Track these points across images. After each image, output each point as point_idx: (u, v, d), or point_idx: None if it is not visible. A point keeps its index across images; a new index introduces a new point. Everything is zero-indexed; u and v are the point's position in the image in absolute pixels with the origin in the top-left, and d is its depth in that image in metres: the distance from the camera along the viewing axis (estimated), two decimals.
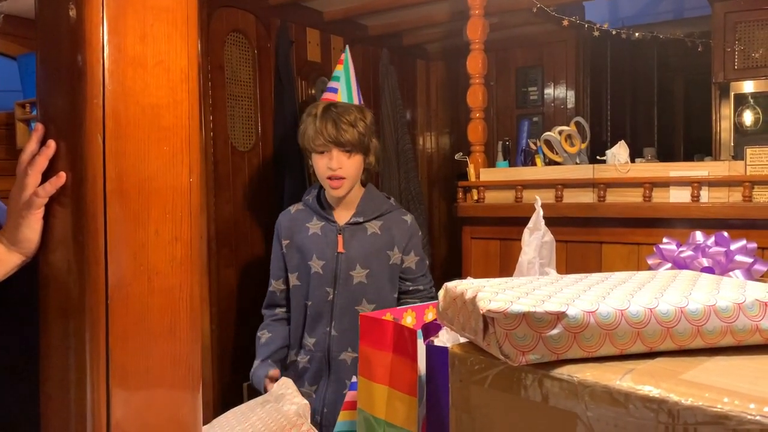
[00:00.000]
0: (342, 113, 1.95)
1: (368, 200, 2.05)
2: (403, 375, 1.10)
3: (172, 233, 0.99)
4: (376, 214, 2.03)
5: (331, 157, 1.94)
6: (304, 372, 2.04)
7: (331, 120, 1.92)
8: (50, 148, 0.95)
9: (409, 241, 2.04)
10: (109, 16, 0.92)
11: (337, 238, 2.01)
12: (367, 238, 2.01)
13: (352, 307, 1.99)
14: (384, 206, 2.06)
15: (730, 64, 3.71)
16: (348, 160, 1.96)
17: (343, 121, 1.92)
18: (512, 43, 4.21)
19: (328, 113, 1.94)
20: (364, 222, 2.02)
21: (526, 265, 1.13)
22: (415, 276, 2.06)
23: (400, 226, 2.04)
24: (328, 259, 2.00)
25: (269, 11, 3.14)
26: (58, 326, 0.97)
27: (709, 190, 2.18)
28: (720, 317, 0.70)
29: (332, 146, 1.93)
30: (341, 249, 2.00)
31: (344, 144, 1.93)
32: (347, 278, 1.99)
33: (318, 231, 2.04)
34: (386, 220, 2.04)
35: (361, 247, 2.00)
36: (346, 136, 1.92)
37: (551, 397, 0.66)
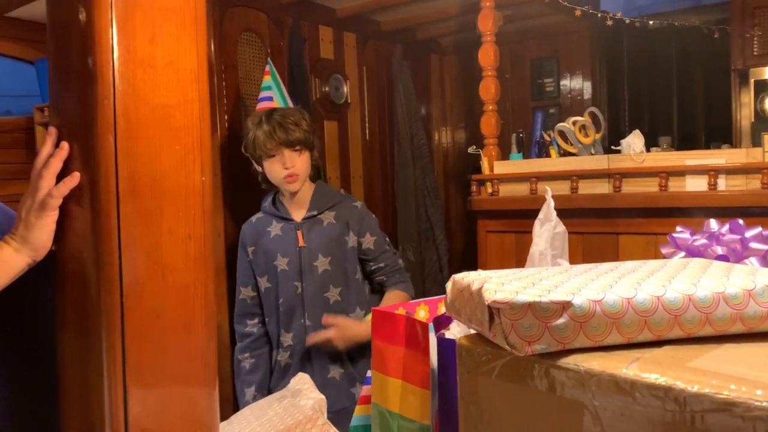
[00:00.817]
0: (285, 116, 2.07)
1: (319, 195, 2.18)
2: (415, 368, 1.10)
3: (185, 231, 1.00)
4: (329, 205, 2.16)
5: (284, 158, 2.06)
6: (287, 369, 2.13)
7: (277, 123, 2.04)
8: (64, 150, 0.96)
9: (362, 224, 2.16)
10: (118, 17, 0.93)
11: (297, 234, 2.13)
12: (324, 229, 2.13)
13: (321, 296, 2.11)
14: (335, 198, 2.20)
15: (750, 51, 3.65)
16: (299, 158, 2.09)
17: (288, 122, 2.05)
18: (526, 34, 4.18)
19: (272, 118, 2.06)
20: (319, 215, 2.15)
21: (537, 257, 1.13)
22: (376, 255, 2.17)
23: (351, 211, 2.18)
24: (291, 255, 2.12)
25: (281, 10, 3.16)
26: (75, 325, 0.99)
27: (726, 178, 2.15)
28: (729, 304, 0.69)
29: (283, 147, 2.05)
30: (302, 243, 2.12)
31: (294, 143, 2.06)
32: (312, 269, 2.10)
33: (279, 232, 2.16)
34: (338, 209, 2.17)
35: (320, 238, 2.12)
36: (295, 135, 2.05)
37: (558, 386, 0.66)
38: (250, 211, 2.98)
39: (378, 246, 2.17)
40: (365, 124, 3.78)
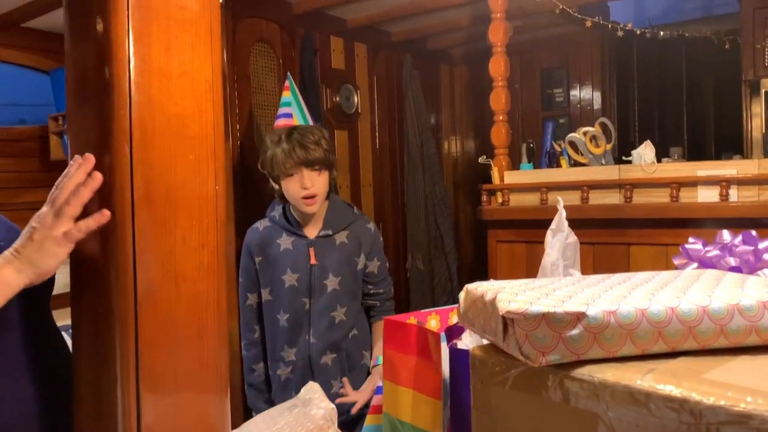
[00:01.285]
0: (305, 134, 2.03)
1: (334, 212, 2.15)
2: (427, 378, 1.10)
3: (198, 240, 1.01)
4: (343, 225, 2.14)
5: (303, 177, 2.02)
6: (288, 384, 2.10)
7: (297, 142, 2.00)
8: (96, 180, 0.93)
9: (372, 247, 2.15)
10: (134, 28, 0.95)
11: (309, 251, 2.10)
12: (337, 249, 2.11)
13: (328, 314, 2.09)
14: (349, 217, 2.18)
15: (761, 61, 3.64)
16: (318, 177, 2.04)
17: (308, 141, 2.01)
18: (536, 45, 4.19)
19: (292, 137, 2.02)
20: (333, 234, 2.12)
21: (549, 267, 1.13)
22: (377, 280, 2.16)
23: (365, 233, 2.16)
24: (301, 271, 2.09)
25: (293, 21, 3.18)
26: (89, 332, 1.00)
27: (738, 188, 2.14)
28: (744, 316, 0.69)
29: (302, 167, 2.01)
30: (314, 261, 2.09)
31: (314, 163, 2.01)
32: (322, 288, 2.08)
33: (289, 246, 2.12)
34: (352, 230, 2.15)
35: (333, 258, 2.10)
36: (315, 155, 2.01)
37: (572, 397, 0.66)
38: None
39: (381, 272, 2.18)
40: (375, 133, 3.79)
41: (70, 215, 0.92)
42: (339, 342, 2.10)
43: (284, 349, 2.12)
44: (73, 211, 0.92)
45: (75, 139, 1.02)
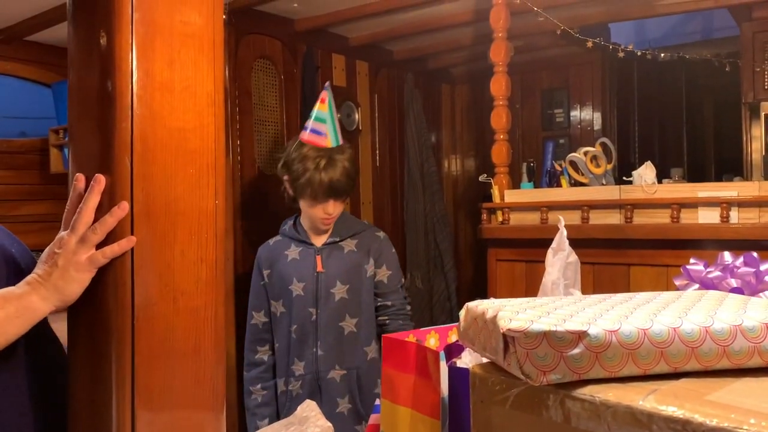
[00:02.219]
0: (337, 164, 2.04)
1: (343, 222, 2.16)
2: (425, 397, 1.09)
3: (197, 254, 1.01)
4: (351, 233, 2.14)
5: (328, 206, 2.06)
6: (297, 399, 2.07)
7: (331, 176, 2.03)
8: (123, 210, 0.92)
9: (381, 255, 2.13)
10: (138, 42, 0.95)
11: (316, 259, 2.10)
12: (344, 256, 2.10)
13: (336, 324, 2.06)
14: (358, 226, 2.18)
15: (760, 84, 3.66)
16: (339, 204, 2.09)
17: (339, 174, 2.04)
18: (537, 65, 4.21)
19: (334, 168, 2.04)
20: (340, 241, 2.12)
21: (550, 286, 1.12)
22: (387, 291, 2.13)
23: (374, 241, 2.15)
24: (308, 280, 2.08)
25: (295, 37, 3.20)
26: (85, 345, 0.99)
27: (738, 210, 2.14)
28: (747, 337, 0.68)
29: (331, 199, 2.06)
30: (320, 268, 2.09)
31: (340, 195, 2.07)
32: (328, 296, 2.06)
33: (296, 256, 2.13)
34: (361, 238, 2.14)
35: (339, 265, 2.09)
36: (346, 189, 2.07)
37: (573, 417, 0.65)
38: (259, 236, 2.99)
39: (391, 283, 2.13)
40: (376, 151, 3.80)
41: (94, 242, 0.93)
42: (349, 357, 2.06)
43: (294, 363, 2.10)
44: (98, 239, 0.93)
45: (76, 152, 1.02)
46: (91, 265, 0.93)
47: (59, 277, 0.92)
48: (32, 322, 0.93)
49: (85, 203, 0.93)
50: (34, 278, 0.94)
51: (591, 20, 3.21)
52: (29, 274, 0.95)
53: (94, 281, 0.94)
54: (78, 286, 0.93)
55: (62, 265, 0.92)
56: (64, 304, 0.95)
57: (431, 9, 3.13)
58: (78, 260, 0.92)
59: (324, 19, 3.15)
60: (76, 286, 0.93)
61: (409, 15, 3.20)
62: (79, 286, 0.93)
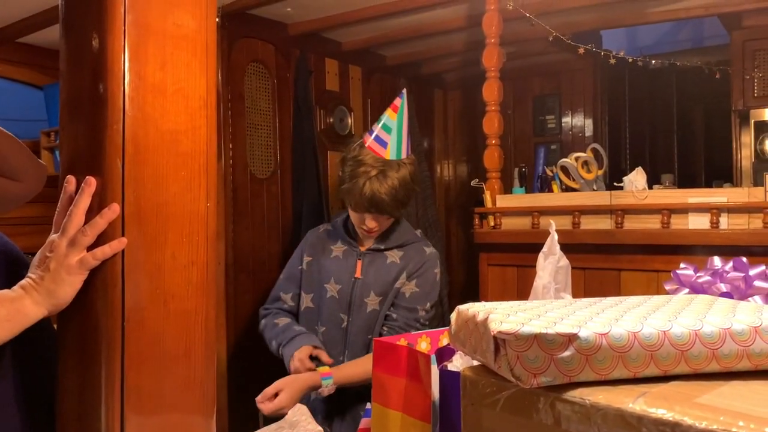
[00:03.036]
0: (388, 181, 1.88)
1: (394, 230, 2.03)
2: (416, 401, 1.09)
3: (188, 257, 1.00)
4: (398, 243, 2.01)
5: (368, 220, 1.93)
6: (317, 406, 1.98)
7: (377, 191, 1.87)
8: (113, 212, 0.92)
9: (418, 269, 1.97)
10: (130, 44, 0.95)
11: (356, 264, 2.00)
12: (386, 266, 1.98)
13: (366, 336, 1.95)
14: (407, 237, 2.03)
15: (750, 92, 3.69)
16: (383, 219, 1.95)
17: (387, 193, 1.87)
18: (529, 71, 4.24)
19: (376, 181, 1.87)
20: (385, 250, 2.00)
21: (541, 290, 1.13)
22: (401, 304, 1.96)
23: (418, 254, 2.00)
24: (344, 283, 1.98)
25: (288, 42, 3.20)
26: (75, 348, 0.98)
27: (728, 216, 2.15)
28: (736, 340, 0.69)
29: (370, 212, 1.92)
30: (358, 275, 1.98)
31: (382, 212, 1.91)
32: (361, 305, 1.96)
33: (340, 255, 2.03)
34: (408, 250, 2.00)
35: (378, 275, 1.97)
36: (388, 209, 1.90)
37: (563, 420, 0.65)
38: (252, 240, 2.99)
39: (411, 299, 1.95)
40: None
41: (85, 245, 0.92)
42: None
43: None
44: (88, 241, 0.92)
45: (67, 154, 1.01)
46: (82, 268, 0.92)
47: (51, 280, 0.92)
48: (23, 326, 0.92)
49: (76, 205, 0.92)
50: (28, 282, 0.93)
51: (583, 27, 3.23)
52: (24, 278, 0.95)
53: (83, 284, 0.94)
54: (70, 289, 0.92)
55: (54, 269, 0.92)
56: (57, 308, 0.94)
57: (424, 15, 3.14)
58: (69, 263, 0.91)
59: (317, 23, 3.15)
60: (68, 289, 0.92)
61: (402, 20, 3.22)
62: (71, 289, 0.92)
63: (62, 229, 0.93)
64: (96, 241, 0.93)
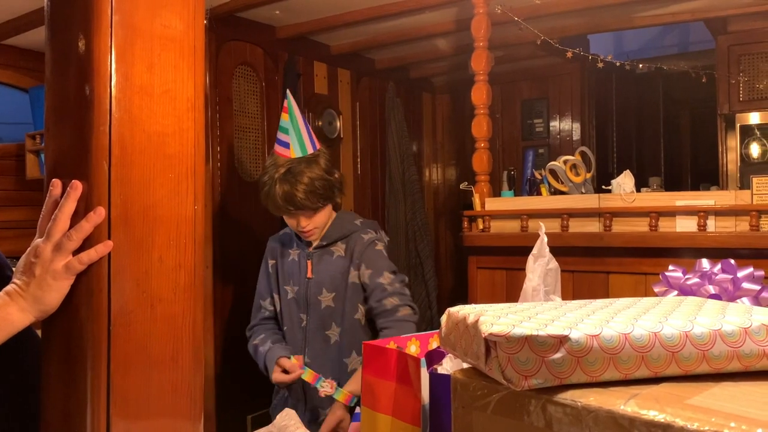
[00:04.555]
0: (298, 178, 1.92)
1: (335, 225, 2.07)
2: (406, 404, 1.08)
3: (175, 260, 0.99)
4: (340, 235, 2.04)
5: (298, 219, 1.98)
6: (285, 403, 2.05)
7: (288, 190, 1.92)
8: (99, 216, 0.90)
9: (362, 255, 1.99)
10: (117, 45, 0.94)
11: (307, 264, 2.05)
12: (333, 262, 2.03)
13: (322, 333, 2.02)
14: (348, 227, 2.06)
15: (735, 96, 3.73)
16: (314, 215, 1.99)
17: (299, 189, 1.91)
18: (517, 75, 4.26)
19: (285, 181, 1.93)
20: (329, 245, 2.04)
21: (530, 292, 1.13)
22: (370, 291, 1.97)
23: (358, 242, 2.02)
24: (300, 285, 2.05)
25: (277, 45, 3.20)
26: (60, 352, 0.96)
27: (715, 219, 2.17)
28: (726, 342, 0.69)
29: (292, 212, 1.97)
30: (309, 274, 2.04)
31: (305, 209, 1.95)
32: (316, 303, 2.02)
33: (295, 257, 2.10)
34: (349, 241, 2.04)
35: (327, 271, 2.02)
36: (306, 204, 1.93)
37: (555, 422, 0.64)
38: (239, 244, 2.97)
39: (373, 281, 1.97)
40: (357, 159, 3.80)
41: (70, 249, 0.90)
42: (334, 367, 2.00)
43: None
44: (74, 246, 0.90)
45: (52, 156, 1.00)
46: (68, 273, 0.91)
47: (37, 286, 0.90)
48: (8, 334, 0.91)
49: (61, 209, 0.91)
50: (14, 288, 0.92)
51: (570, 31, 3.25)
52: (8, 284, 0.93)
53: (70, 287, 0.93)
54: (57, 295, 0.91)
55: (39, 275, 0.90)
56: (44, 314, 0.93)
57: (413, 18, 3.15)
58: (55, 268, 0.90)
59: (306, 26, 3.15)
60: (54, 294, 0.91)
61: (390, 24, 3.22)
62: (57, 294, 0.91)
63: (47, 233, 0.91)
64: (82, 245, 0.91)
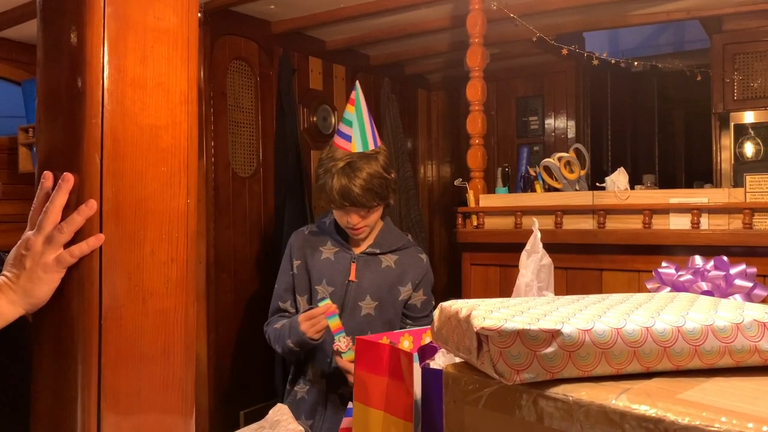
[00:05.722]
0: (357, 173, 1.88)
1: (386, 234, 2.04)
2: (398, 399, 1.08)
3: (167, 254, 0.99)
4: (393, 248, 2.01)
5: (350, 216, 1.93)
6: (301, 403, 1.99)
7: (346, 184, 1.87)
8: (91, 209, 0.90)
9: (422, 279, 2.02)
10: (110, 37, 0.93)
11: (351, 266, 1.98)
12: (381, 270, 1.98)
13: None
14: (401, 241, 2.05)
15: (730, 95, 3.74)
16: (367, 214, 1.94)
17: (357, 184, 1.87)
18: (513, 73, 4.26)
19: (343, 174, 1.88)
20: (380, 254, 2.00)
21: (523, 288, 1.13)
22: (418, 316, 2.01)
23: (416, 262, 2.02)
24: (338, 286, 1.97)
25: (272, 40, 3.19)
26: (51, 346, 0.96)
27: (709, 217, 2.17)
28: (718, 337, 0.69)
29: (347, 207, 1.91)
30: (353, 277, 1.97)
31: (360, 206, 1.91)
32: (355, 308, 1.95)
33: (331, 256, 2.01)
34: (402, 255, 2.02)
35: (374, 278, 1.97)
36: (361, 201, 1.88)
37: (546, 417, 0.64)
38: (232, 239, 2.96)
39: (424, 308, 2.01)
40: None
41: (61, 242, 0.90)
42: None
43: (307, 366, 2.00)
44: (65, 239, 0.90)
45: (44, 149, 0.99)
46: (59, 266, 0.90)
47: (27, 279, 0.90)
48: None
49: (52, 202, 0.90)
50: (3, 281, 0.91)
51: (566, 29, 3.25)
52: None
53: (61, 280, 0.92)
54: (47, 288, 0.90)
55: (29, 267, 0.90)
56: (34, 307, 0.92)
57: (408, 14, 3.14)
58: (45, 261, 0.89)
59: (301, 21, 3.14)
60: (45, 287, 0.90)
61: (385, 20, 3.21)
62: (48, 287, 0.90)
63: (38, 226, 0.91)
64: (73, 238, 0.91)
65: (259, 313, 2.49)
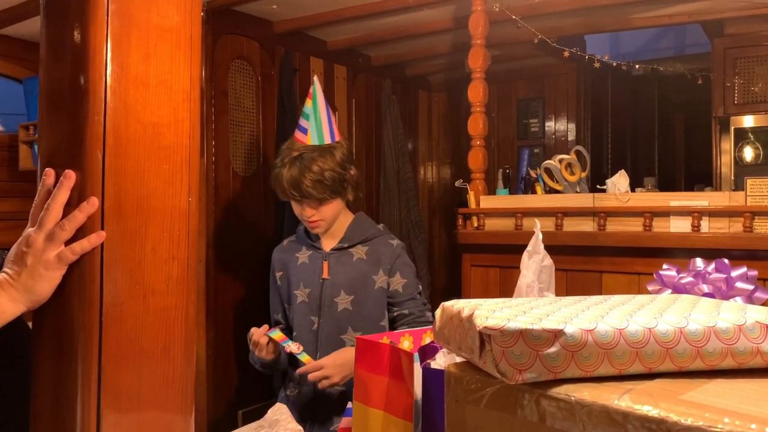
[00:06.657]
0: (308, 165, 1.91)
1: (356, 227, 2.05)
2: (398, 399, 1.08)
3: (169, 252, 0.99)
4: (362, 239, 2.03)
5: (304, 209, 1.97)
6: (293, 407, 1.98)
7: (295, 176, 1.91)
8: (92, 206, 0.89)
9: (394, 263, 2.00)
10: (113, 35, 0.93)
11: (323, 265, 2.01)
12: (353, 264, 1.99)
13: (338, 337, 1.95)
14: (370, 231, 2.05)
15: (730, 99, 3.74)
16: (321, 206, 1.96)
17: (307, 176, 1.90)
18: (514, 75, 4.26)
19: (293, 166, 1.92)
20: (349, 247, 2.01)
21: (524, 289, 1.12)
22: (402, 300, 2.00)
23: (386, 248, 2.02)
24: (313, 286, 2.00)
25: (273, 39, 3.19)
26: (51, 343, 0.96)
27: (709, 220, 2.18)
28: (720, 339, 0.69)
29: (299, 199, 1.95)
30: (326, 275, 1.99)
31: (311, 198, 1.93)
32: (331, 305, 1.97)
33: (306, 260, 2.05)
34: (372, 245, 2.03)
35: (346, 273, 1.98)
36: (311, 192, 1.91)
37: (548, 417, 0.64)
38: (233, 239, 2.96)
39: (406, 291, 1.99)
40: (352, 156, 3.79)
41: (63, 239, 0.90)
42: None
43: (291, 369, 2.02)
44: (66, 236, 0.90)
45: (46, 146, 0.99)
46: (61, 263, 0.90)
47: (28, 276, 0.89)
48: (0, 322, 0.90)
49: (54, 199, 0.90)
50: (4, 278, 0.91)
51: (567, 31, 3.25)
52: None
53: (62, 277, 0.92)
54: (48, 285, 0.90)
55: (31, 264, 0.89)
56: (35, 305, 0.92)
57: (410, 15, 3.14)
58: (47, 258, 0.89)
59: (302, 21, 3.14)
60: (46, 285, 0.90)
61: (387, 21, 3.21)
62: (49, 284, 0.90)
63: (39, 223, 0.91)
64: (75, 236, 0.91)
65: (259, 313, 2.49)
